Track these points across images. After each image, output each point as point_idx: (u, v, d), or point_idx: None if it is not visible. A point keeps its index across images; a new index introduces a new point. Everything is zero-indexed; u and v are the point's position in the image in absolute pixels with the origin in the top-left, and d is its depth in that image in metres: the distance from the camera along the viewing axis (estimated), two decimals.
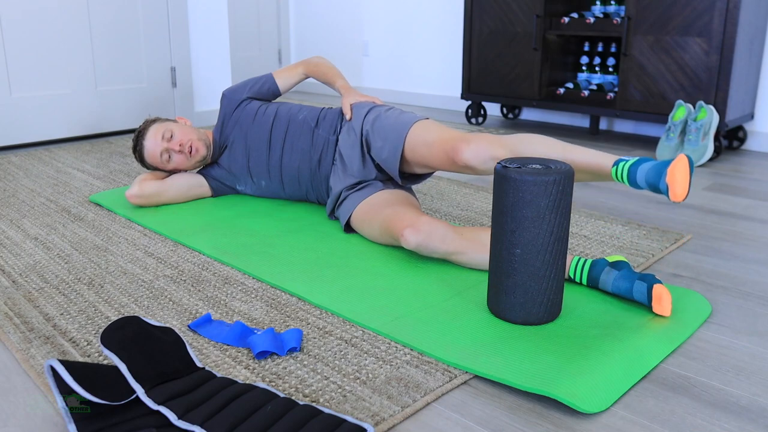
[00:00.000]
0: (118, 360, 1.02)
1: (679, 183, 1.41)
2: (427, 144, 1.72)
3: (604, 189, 2.46)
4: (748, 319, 1.42)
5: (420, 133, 1.75)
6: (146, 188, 2.07)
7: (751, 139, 3.23)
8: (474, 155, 1.60)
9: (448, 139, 1.67)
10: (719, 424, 1.05)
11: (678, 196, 1.42)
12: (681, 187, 1.41)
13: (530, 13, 3.45)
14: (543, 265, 1.30)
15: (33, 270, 1.63)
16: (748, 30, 2.92)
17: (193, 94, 3.68)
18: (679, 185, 1.41)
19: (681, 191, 1.42)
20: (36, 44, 3.06)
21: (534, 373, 1.15)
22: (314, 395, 1.11)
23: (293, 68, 2.22)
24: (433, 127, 1.76)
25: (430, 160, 1.73)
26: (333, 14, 5.17)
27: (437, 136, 1.71)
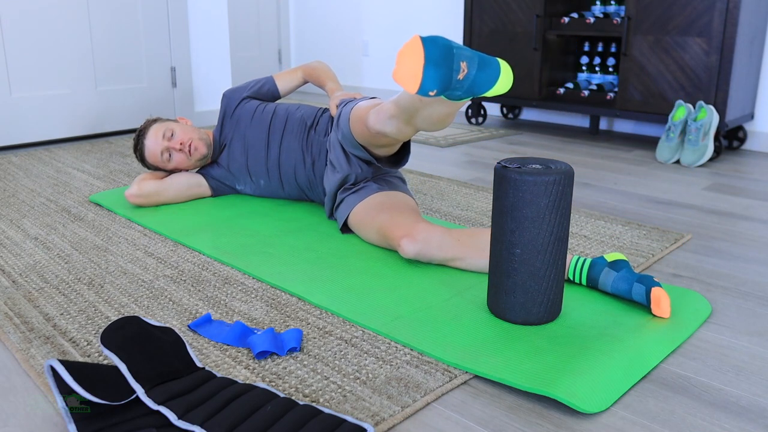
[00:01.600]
0: (118, 360, 1.02)
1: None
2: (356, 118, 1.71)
3: (604, 189, 2.46)
4: (748, 319, 1.42)
5: (355, 112, 1.73)
6: (145, 188, 2.07)
7: (751, 139, 3.23)
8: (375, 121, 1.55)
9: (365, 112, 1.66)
10: (719, 424, 1.05)
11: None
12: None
13: (530, 13, 3.45)
14: (543, 265, 1.30)
15: (33, 270, 1.63)
16: (748, 30, 2.92)
17: (193, 94, 3.68)
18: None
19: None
20: (36, 44, 3.06)
21: (534, 373, 1.15)
22: (314, 395, 1.11)
23: (293, 72, 2.24)
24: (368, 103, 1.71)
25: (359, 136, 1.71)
26: (333, 14, 5.17)
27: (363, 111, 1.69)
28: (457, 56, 1.14)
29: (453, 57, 1.12)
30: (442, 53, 1.10)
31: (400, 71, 1.07)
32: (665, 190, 2.47)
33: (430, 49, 1.08)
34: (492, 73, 1.21)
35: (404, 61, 1.08)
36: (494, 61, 1.25)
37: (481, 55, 1.23)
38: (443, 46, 1.12)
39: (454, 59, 1.13)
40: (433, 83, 1.07)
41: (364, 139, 1.69)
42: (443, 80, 1.09)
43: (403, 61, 1.08)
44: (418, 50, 1.08)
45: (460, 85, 1.20)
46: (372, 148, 1.76)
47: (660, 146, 2.96)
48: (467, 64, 1.14)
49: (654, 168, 2.82)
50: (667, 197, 2.36)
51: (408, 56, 1.08)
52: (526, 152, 3.10)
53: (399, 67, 1.07)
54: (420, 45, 1.09)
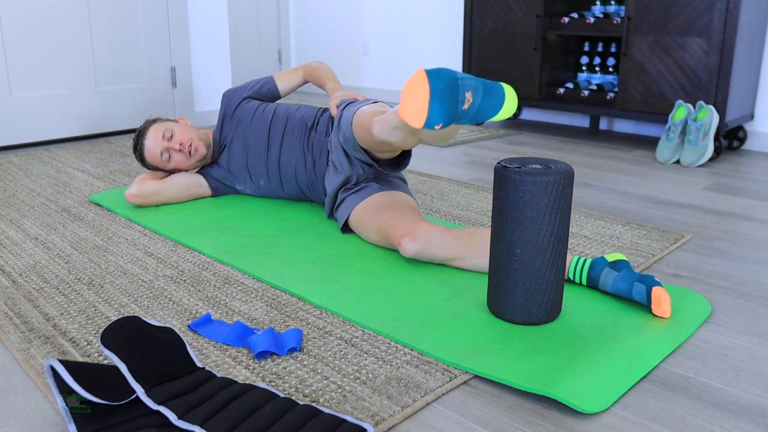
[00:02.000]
0: (118, 360, 1.02)
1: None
2: (359, 124, 1.69)
3: (604, 189, 2.46)
4: (748, 319, 1.42)
5: (357, 117, 1.71)
6: (145, 188, 2.07)
7: (751, 139, 3.23)
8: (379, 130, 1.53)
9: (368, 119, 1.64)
10: (719, 424, 1.05)
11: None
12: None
13: (530, 13, 3.45)
14: (543, 265, 1.30)
15: (33, 270, 1.63)
16: (748, 30, 2.92)
17: (193, 94, 3.68)
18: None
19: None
20: (36, 44, 3.06)
21: (534, 373, 1.15)
22: (314, 395, 1.11)
23: (293, 72, 2.23)
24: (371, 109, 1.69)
25: (362, 141, 1.70)
26: (333, 14, 5.17)
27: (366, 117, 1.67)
28: (462, 87, 1.11)
29: (458, 89, 1.10)
30: (447, 86, 1.07)
31: (406, 107, 1.05)
32: (665, 190, 2.47)
33: (435, 83, 1.06)
34: (497, 100, 1.19)
35: (409, 97, 1.05)
36: (498, 86, 1.23)
37: (486, 82, 1.21)
38: (448, 78, 1.09)
39: (459, 91, 1.11)
40: (439, 118, 1.05)
41: (367, 144, 1.69)
42: (449, 114, 1.07)
43: (409, 97, 1.05)
44: (423, 85, 1.06)
45: (466, 114, 1.19)
46: (374, 153, 1.76)
47: (660, 146, 2.96)
48: (472, 93, 1.13)
49: (654, 168, 2.82)
50: (667, 197, 2.36)
51: (413, 92, 1.05)
52: (526, 152, 3.10)
53: (404, 103, 1.05)
54: (425, 79, 1.07)
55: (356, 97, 1.96)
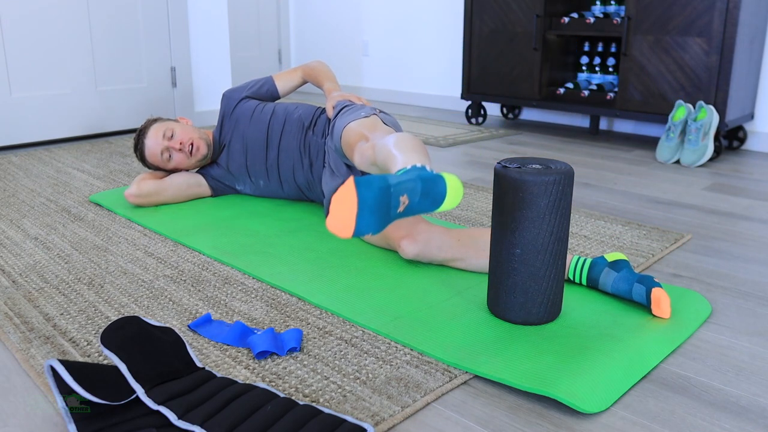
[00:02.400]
0: (118, 360, 1.02)
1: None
2: (346, 144, 1.69)
3: (604, 189, 2.47)
4: (748, 319, 1.42)
5: (345, 135, 1.70)
6: (145, 187, 2.07)
7: (751, 139, 3.23)
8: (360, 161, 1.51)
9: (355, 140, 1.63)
10: (719, 424, 1.05)
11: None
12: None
13: (530, 13, 3.45)
14: (543, 265, 1.30)
15: (33, 270, 1.63)
16: (748, 30, 2.92)
17: (193, 94, 3.68)
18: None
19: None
20: (36, 44, 3.06)
21: (534, 373, 1.15)
22: (314, 395, 1.11)
23: (293, 72, 2.23)
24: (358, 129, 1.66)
25: (348, 158, 1.69)
26: (333, 14, 5.17)
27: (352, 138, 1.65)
28: (395, 194, 1.06)
29: (390, 197, 1.04)
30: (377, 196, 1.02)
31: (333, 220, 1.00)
32: (665, 190, 2.47)
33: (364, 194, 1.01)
34: (437, 196, 1.13)
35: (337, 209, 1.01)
36: (440, 182, 1.14)
37: (426, 179, 1.12)
38: (379, 189, 1.03)
39: (392, 197, 1.05)
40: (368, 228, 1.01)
41: (353, 163, 1.69)
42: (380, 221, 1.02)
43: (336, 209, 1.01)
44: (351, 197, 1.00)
45: (401, 215, 1.13)
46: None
47: (660, 146, 2.96)
48: (408, 195, 1.07)
49: (654, 168, 2.82)
50: (667, 197, 2.36)
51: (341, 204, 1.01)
52: (526, 152, 3.10)
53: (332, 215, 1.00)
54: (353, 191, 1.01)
55: (352, 99, 1.95)
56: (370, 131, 1.62)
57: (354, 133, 1.65)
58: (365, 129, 1.64)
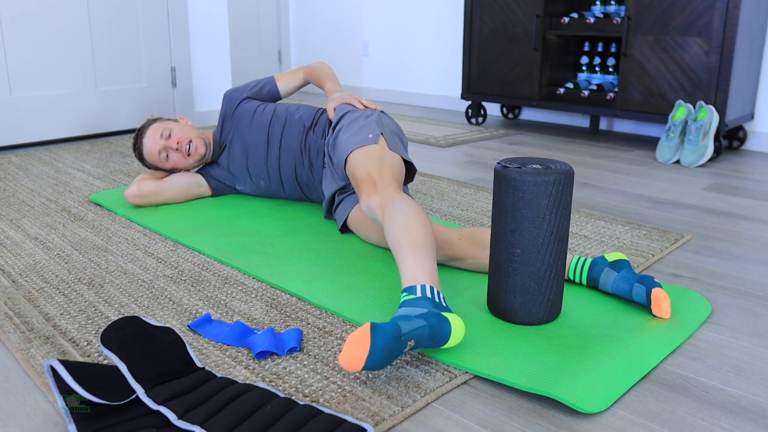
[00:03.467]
0: (118, 360, 1.02)
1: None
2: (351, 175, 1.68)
3: (604, 189, 2.47)
4: (748, 319, 1.42)
5: (351, 162, 1.69)
6: (145, 188, 2.07)
7: (751, 139, 3.23)
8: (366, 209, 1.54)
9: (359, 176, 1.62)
10: (719, 424, 1.05)
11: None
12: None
13: (530, 13, 3.45)
14: (543, 265, 1.30)
15: (33, 270, 1.63)
16: (748, 30, 2.92)
17: (193, 94, 3.68)
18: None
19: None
20: (36, 44, 3.06)
21: (534, 373, 1.15)
22: (314, 395, 1.11)
23: (294, 73, 2.23)
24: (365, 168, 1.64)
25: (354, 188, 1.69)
26: (333, 14, 5.17)
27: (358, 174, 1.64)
28: (405, 340, 1.13)
29: (400, 343, 1.12)
30: (388, 344, 1.10)
31: (345, 357, 1.09)
32: (665, 190, 2.47)
33: (377, 342, 1.09)
34: (440, 340, 1.19)
35: (350, 348, 1.09)
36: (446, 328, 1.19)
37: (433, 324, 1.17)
38: (392, 338, 1.11)
39: (402, 344, 1.13)
40: (375, 366, 1.10)
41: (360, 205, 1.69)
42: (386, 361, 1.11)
43: (350, 348, 1.09)
44: (365, 343, 1.09)
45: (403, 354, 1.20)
46: None
47: (660, 146, 2.96)
48: (416, 341, 1.15)
49: (654, 168, 2.82)
50: (667, 197, 2.36)
51: (354, 345, 1.09)
52: (526, 152, 3.10)
53: (345, 352, 1.09)
54: (368, 339, 1.09)
55: (353, 101, 1.95)
56: (378, 174, 1.59)
57: (361, 170, 1.63)
58: (373, 169, 1.61)
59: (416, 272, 1.26)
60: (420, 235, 1.32)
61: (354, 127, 1.81)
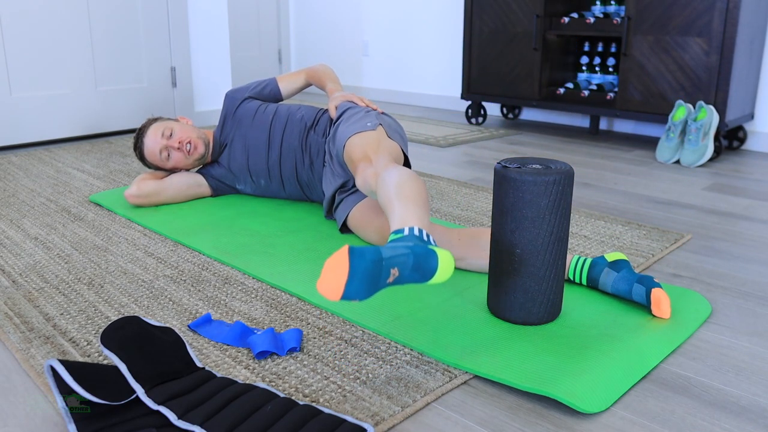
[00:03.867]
0: (118, 360, 1.02)
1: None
2: (348, 158, 1.68)
3: (604, 189, 2.47)
4: (748, 319, 1.42)
5: (348, 148, 1.69)
6: (145, 187, 2.07)
7: (751, 139, 3.23)
8: (361, 183, 1.53)
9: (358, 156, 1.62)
10: (719, 424, 1.05)
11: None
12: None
13: (530, 13, 3.45)
14: (543, 265, 1.30)
15: (33, 270, 1.63)
16: (748, 30, 2.92)
17: (193, 94, 3.68)
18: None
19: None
20: (36, 44, 3.06)
21: (534, 373, 1.15)
22: (314, 395, 1.11)
23: (296, 74, 2.24)
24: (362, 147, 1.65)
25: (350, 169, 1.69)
26: (333, 14, 5.17)
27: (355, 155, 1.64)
28: (386, 266, 1.08)
29: (381, 269, 1.07)
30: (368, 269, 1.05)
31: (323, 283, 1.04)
32: (665, 190, 2.47)
33: (356, 265, 1.04)
34: (427, 271, 1.13)
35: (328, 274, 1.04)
36: (432, 256, 1.14)
37: (418, 252, 1.13)
38: (371, 261, 1.06)
39: (383, 269, 1.07)
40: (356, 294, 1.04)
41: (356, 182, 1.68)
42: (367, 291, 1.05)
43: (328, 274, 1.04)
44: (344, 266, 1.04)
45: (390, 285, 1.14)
46: None
47: (660, 146, 2.96)
48: (399, 268, 1.09)
49: (654, 168, 2.82)
50: (667, 197, 2.36)
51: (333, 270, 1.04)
52: (526, 152, 3.10)
53: (322, 278, 1.04)
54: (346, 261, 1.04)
55: (354, 99, 1.96)
56: (374, 152, 1.61)
57: (358, 150, 1.64)
58: (369, 149, 1.63)
59: (405, 217, 1.21)
60: (412, 191, 1.27)
61: (354, 119, 1.83)
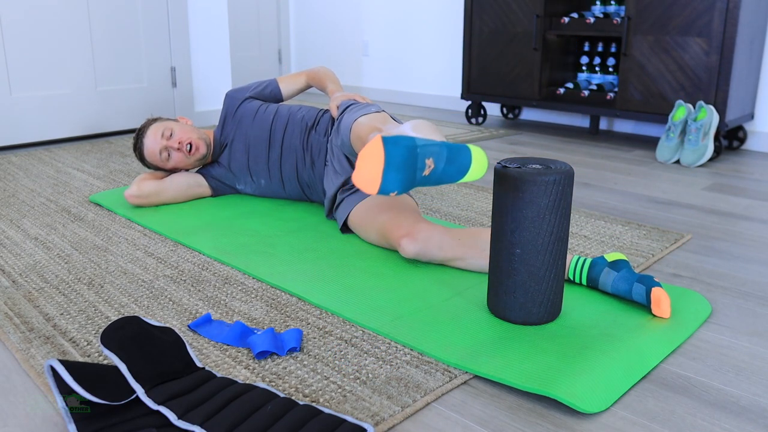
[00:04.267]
0: (118, 360, 1.02)
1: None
2: (356, 136, 1.69)
3: (604, 189, 2.47)
4: (748, 319, 1.42)
5: (356, 128, 1.70)
6: (145, 188, 2.07)
7: (751, 139, 3.23)
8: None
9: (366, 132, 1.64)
10: (719, 424, 1.05)
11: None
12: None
13: (530, 13, 3.45)
14: (543, 265, 1.30)
15: (33, 270, 1.63)
16: (748, 30, 2.92)
17: (193, 94, 3.68)
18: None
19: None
20: (36, 44, 3.06)
21: (534, 373, 1.15)
22: (314, 395, 1.11)
23: (296, 76, 2.25)
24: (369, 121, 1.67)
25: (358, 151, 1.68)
26: (333, 14, 5.17)
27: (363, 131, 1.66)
28: (421, 155, 1.08)
29: (416, 157, 1.07)
30: (404, 155, 1.05)
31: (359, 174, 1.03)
32: (665, 190, 2.47)
33: (391, 152, 1.03)
34: (462, 165, 1.15)
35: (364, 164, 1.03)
36: (465, 150, 1.17)
37: (451, 147, 1.15)
38: (406, 147, 1.06)
39: (418, 159, 1.08)
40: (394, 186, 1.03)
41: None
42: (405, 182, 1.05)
43: (363, 164, 1.03)
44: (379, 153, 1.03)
45: (427, 180, 1.15)
46: None
47: (660, 146, 2.96)
48: (434, 159, 1.09)
49: (654, 168, 2.82)
50: (667, 197, 2.36)
51: (368, 159, 1.03)
52: (526, 152, 3.10)
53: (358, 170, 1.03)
54: (381, 148, 1.04)
55: (356, 98, 1.96)
56: (383, 124, 1.63)
57: (366, 126, 1.65)
58: (377, 122, 1.65)
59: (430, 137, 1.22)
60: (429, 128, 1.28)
61: (357, 107, 1.84)
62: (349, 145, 1.73)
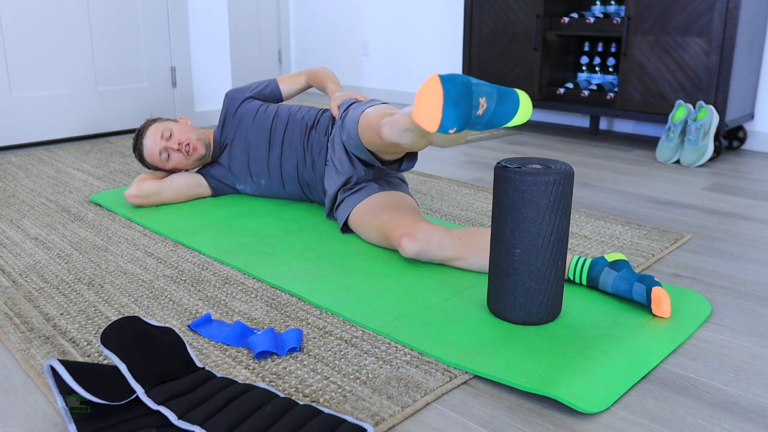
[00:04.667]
0: (118, 360, 1.02)
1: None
2: (366, 126, 1.69)
3: (604, 189, 2.47)
4: (748, 319, 1.42)
5: (364, 119, 1.69)
6: (145, 188, 2.07)
7: (751, 139, 3.23)
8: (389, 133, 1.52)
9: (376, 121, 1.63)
10: (719, 424, 1.05)
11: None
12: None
13: (530, 13, 3.45)
14: (543, 265, 1.30)
15: (33, 270, 1.63)
16: (748, 30, 2.92)
17: (193, 94, 3.68)
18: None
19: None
20: (36, 44, 3.06)
21: (534, 373, 1.15)
22: (314, 395, 1.11)
23: (296, 76, 2.24)
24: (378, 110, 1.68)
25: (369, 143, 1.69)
26: (333, 14, 5.17)
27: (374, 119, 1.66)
28: (476, 93, 1.11)
29: (472, 94, 1.10)
30: (461, 92, 1.08)
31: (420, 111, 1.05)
32: (665, 190, 2.47)
33: (449, 88, 1.06)
34: (511, 106, 1.19)
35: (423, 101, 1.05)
36: (513, 93, 1.23)
37: (500, 88, 1.21)
38: (462, 84, 1.09)
39: (473, 96, 1.11)
40: (453, 122, 1.06)
41: (373, 146, 1.66)
42: (462, 118, 1.08)
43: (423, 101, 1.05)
44: (437, 90, 1.06)
45: (480, 120, 1.19)
46: (380, 154, 1.74)
47: (660, 146, 2.96)
48: (486, 99, 1.13)
49: (654, 168, 2.82)
50: (667, 197, 2.36)
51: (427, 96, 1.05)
52: (526, 152, 3.10)
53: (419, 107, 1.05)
54: (439, 84, 1.07)
55: (357, 97, 1.96)
56: (389, 110, 1.63)
57: (375, 115, 1.65)
58: (384, 109, 1.66)
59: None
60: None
61: (360, 102, 1.85)
62: (356, 138, 1.73)
